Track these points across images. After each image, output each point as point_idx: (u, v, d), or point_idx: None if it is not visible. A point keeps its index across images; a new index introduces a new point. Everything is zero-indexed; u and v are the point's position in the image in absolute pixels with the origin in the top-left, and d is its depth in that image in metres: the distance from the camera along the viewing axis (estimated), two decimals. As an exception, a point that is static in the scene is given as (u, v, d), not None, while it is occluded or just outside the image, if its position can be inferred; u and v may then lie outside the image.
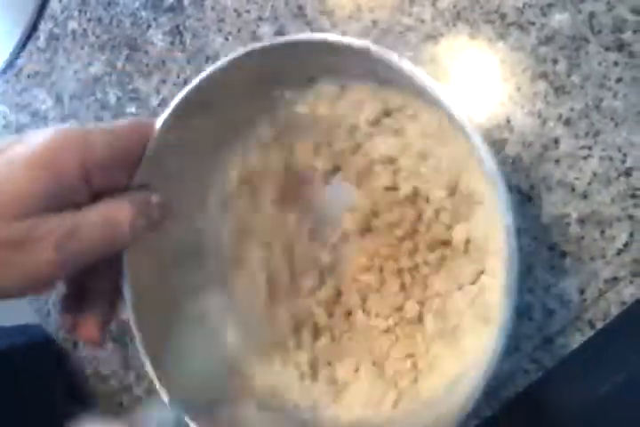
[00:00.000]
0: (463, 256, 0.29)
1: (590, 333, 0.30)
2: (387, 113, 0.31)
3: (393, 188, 0.31)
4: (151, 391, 0.32)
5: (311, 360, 0.32)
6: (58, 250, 0.25)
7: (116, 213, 0.27)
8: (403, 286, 0.31)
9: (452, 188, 0.30)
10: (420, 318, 0.31)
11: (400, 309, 0.31)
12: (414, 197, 0.31)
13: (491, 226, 0.28)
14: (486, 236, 0.28)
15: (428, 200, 0.31)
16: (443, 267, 0.30)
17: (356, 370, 0.32)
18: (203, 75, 0.28)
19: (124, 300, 0.30)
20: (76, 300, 0.30)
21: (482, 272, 0.29)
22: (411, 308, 0.31)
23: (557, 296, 0.30)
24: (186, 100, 0.29)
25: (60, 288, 0.30)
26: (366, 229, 0.33)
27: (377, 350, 0.32)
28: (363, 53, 0.25)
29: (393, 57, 0.25)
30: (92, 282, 0.30)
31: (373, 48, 0.25)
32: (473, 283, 0.29)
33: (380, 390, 0.30)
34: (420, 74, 0.24)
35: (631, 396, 0.30)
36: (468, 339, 0.29)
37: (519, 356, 0.31)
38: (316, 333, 0.33)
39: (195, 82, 0.28)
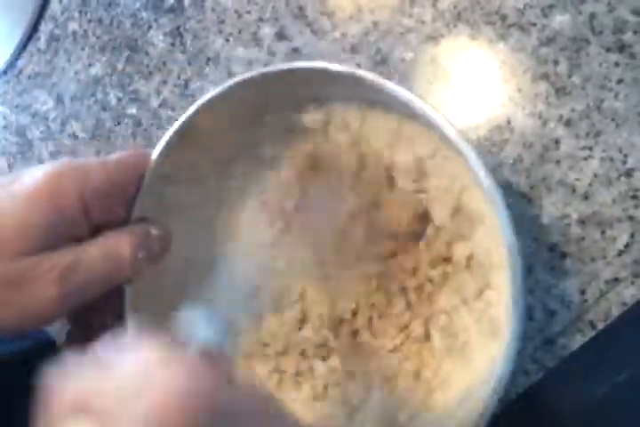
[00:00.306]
0: (466, 272, 0.29)
1: (591, 333, 0.30)
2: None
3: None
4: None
5: (323, 383, 0.32)
6: (59, 286, 0.25)
7: (117, 246, 0.27)
8: (408, 305, 0.31)
9: (456, 206, 0.30)
10: (427, 336, 0.31)
11: (406, 328, 0.31)
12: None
13: (492, 241, 0.28)
14: (488, 251, 0.28)
15: (430, 218, 0.31)
16: (446, 283, 0.30)
17: (367, 389, 0.31)
18: (193, 107, 0.28)
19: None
20: (81, 334, 0.30)
21: (486, 287, 0.29)
22: (416, 327, 0.31)
23: (558, 297, 0.30)
24: (179, 130, 0.29)
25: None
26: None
27: (386, 369, 0.31)
28: (353, 79, 0.26)
29: (386, 82, 0.25)
30: (94, 317, 0.30)
31: (363, 73, 0.25)
32: (477, 298, 0.29)
33: (393, 408, 0.30)
34: (411, 97, 0.24)
35: (632, 396, 0.30)
36: (477, 354, 0.28)
37: (520, 357, 0.31)
38: (325, 354, 0.33)
39: (187, 113, 0.29)
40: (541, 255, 0.31)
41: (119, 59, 0.46)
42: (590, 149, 0.31)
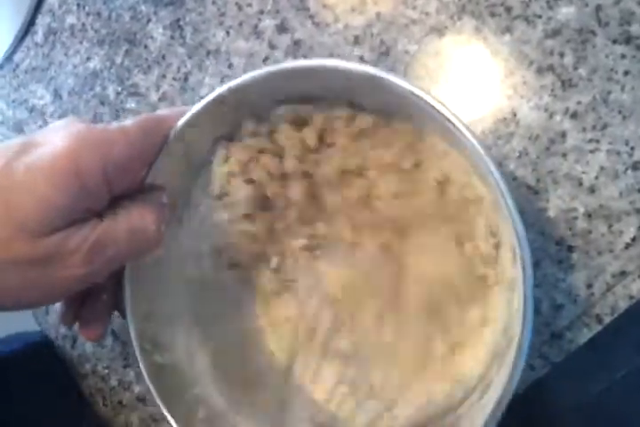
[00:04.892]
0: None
1: (598, 327, 0.29)
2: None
3: None
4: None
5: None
6: (87, 265, 0.25)
7: (142, 220, 0.27)
8: None
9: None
10: None
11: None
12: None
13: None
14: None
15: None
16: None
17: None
18: (248, 75, 0.28)
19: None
20: (79, 294, 0.29)
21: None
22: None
23: (565, 291, 0.30)
24: (217, 99, 0.28)
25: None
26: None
27: None
28: (372, 80, 0.25)
29: (403, 82, 0.25)
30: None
31: (382, 74, 0.25)
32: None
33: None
34: (408, 86, 0.24)
35: (637, 390, 0.30)
36: None
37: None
38: None
39: (235, 81, 0.28)
40: (548, 249, 0.30)
41: (118, 52, 0.46)
42: (597, 141, 0.30)
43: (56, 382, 0.46)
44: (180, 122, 0.29)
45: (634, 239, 0.29)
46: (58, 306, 0.31)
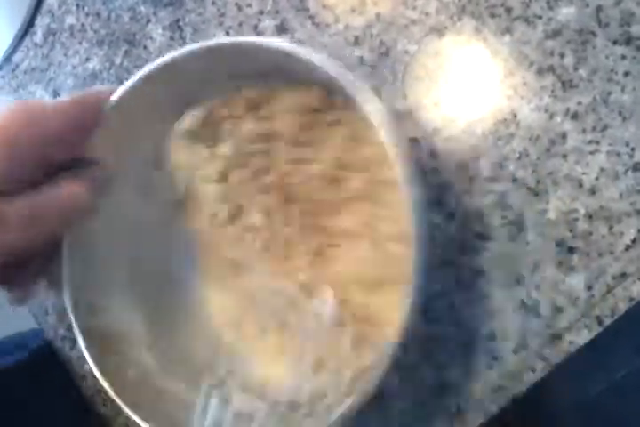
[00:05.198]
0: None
1: (598, 329, 0.29)
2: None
3: None
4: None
5: None
6: (19, 233, 0.26)
7: (74, 193, 0.28)
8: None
9: None
10: None
11: None
12: None
13: None
14: None
15: None
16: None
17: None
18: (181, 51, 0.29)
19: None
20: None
21: None
22: None
23: (565, 293, 0.30)
24: (155, 70, 0.29)
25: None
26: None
27: None
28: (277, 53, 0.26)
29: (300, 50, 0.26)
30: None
31: (287, 46, 0.26)
32: None
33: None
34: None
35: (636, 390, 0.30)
36: None
37: (526, 353, 0.30)
38: None
39: (168, 56, 0.29)
40: (548, 251, 0.30)
41: (117, 53, 0.46)
42: (597, 142, 0.30)
43: (56, 383, 0.46)
44: (116, 95, 0.29)
45: (634, 241, 0.29)
46: None
